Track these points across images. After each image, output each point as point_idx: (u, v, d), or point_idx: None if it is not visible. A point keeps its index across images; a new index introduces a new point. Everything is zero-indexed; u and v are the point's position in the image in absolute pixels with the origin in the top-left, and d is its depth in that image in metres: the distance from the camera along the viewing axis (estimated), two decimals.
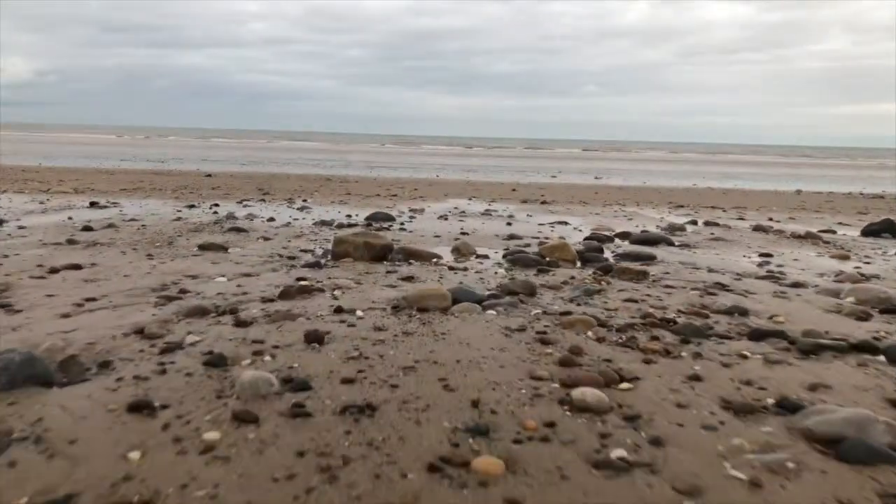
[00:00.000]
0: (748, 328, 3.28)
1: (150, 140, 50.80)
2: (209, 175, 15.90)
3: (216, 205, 9.00)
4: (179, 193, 10.82)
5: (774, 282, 4.62)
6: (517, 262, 5.13)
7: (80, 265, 4.46)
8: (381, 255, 5.22)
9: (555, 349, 2.80)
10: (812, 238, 7.13)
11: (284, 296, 3.72)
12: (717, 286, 4.35)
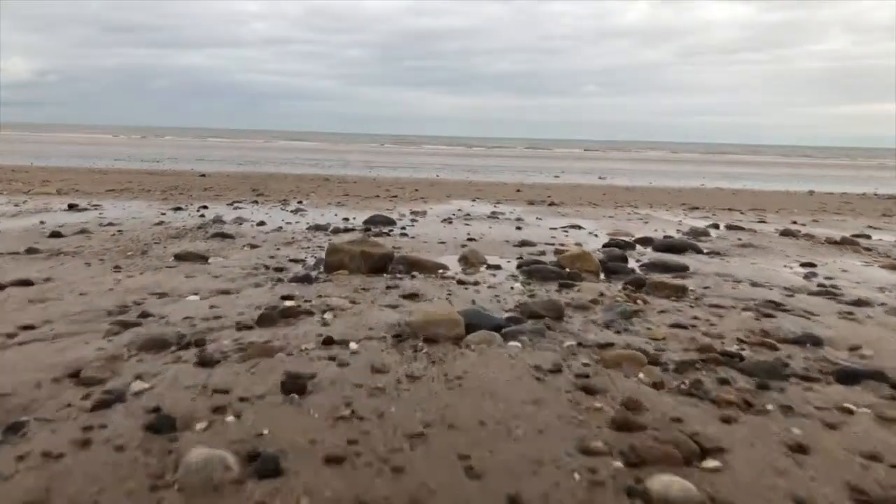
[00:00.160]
0: (832, 365, 2.64)
1: (148, 140, 50.09)
2: (203, 175, 15.24)
3: (204, 207, 8.34)
4: (168, 195, 10.17)
5: (832, 298, 3.98)
6: (534, 275, 4.48)
7: (32, 281, 3.80)
8: (381, 266, 4.57)
9: (604, 401, 2.15)
10: (850, 244, 6.48)
11: (264, 321, 3.07)
12: (771, 305, 3.71)
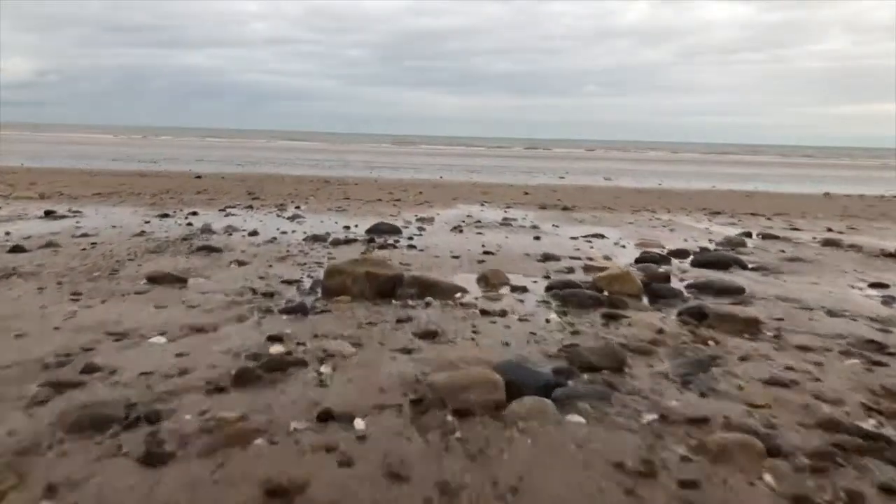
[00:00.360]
0: None
1: (147, 140, 49.24)
2: (198, 177, 14.48)
3: (194, 214, 7.58)
4: (158, 199, 9.41)
5: None
6: (570, 301, 3.73)
7: None
8: (389, 290, 3.83)
9: None
10: None
11: (243, 379, 2.33)
12: (872, 346, 2.96)
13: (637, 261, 5.26)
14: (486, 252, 5.44)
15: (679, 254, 5.66)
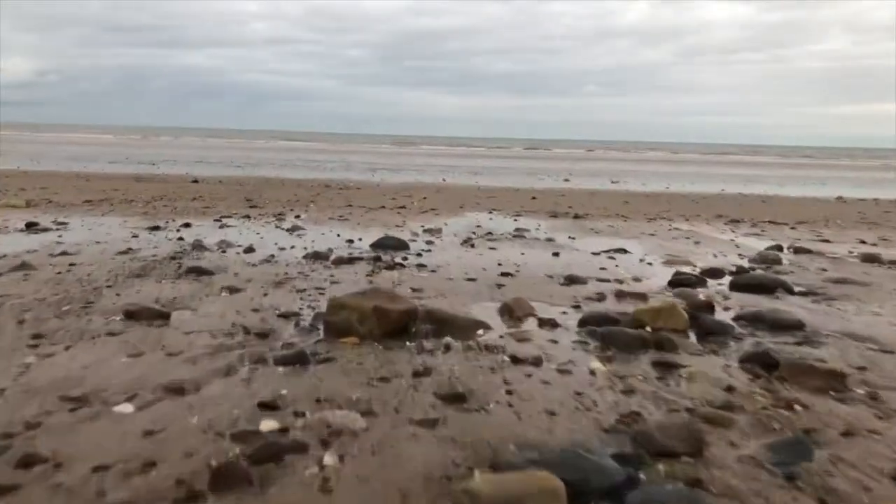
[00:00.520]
0: None
1: (147, 140, 48.62)
2: (195, 181, 13.93)
3: (187, 226, 7.03)
4: (151, 207, 8.85)
5: None
6: (611, 340, 3.19)
7: None
8: (401, 328, 3.29)
9: None
10: None
11: (223, 481, 1.77)
12: None
13: (671, 283, 4.72)
14: (505, 273, 4.88)
15: (713, 273, 5.12)
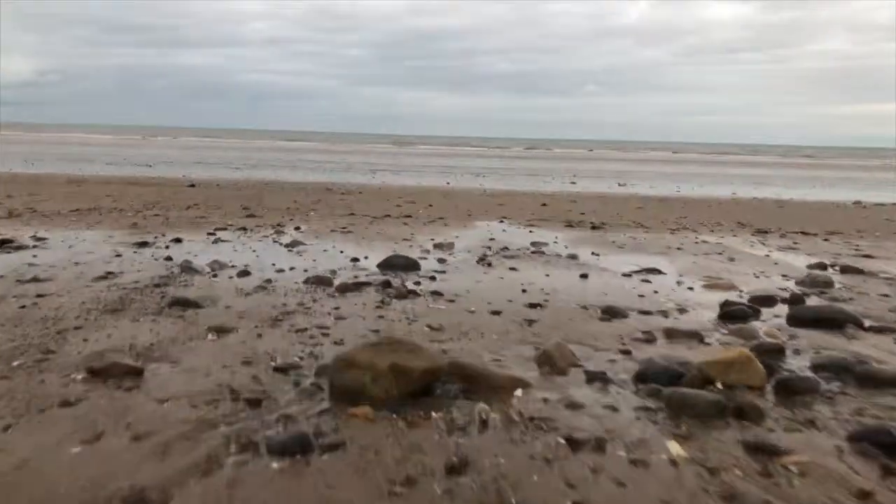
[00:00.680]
0: None
1: (146, 140, 47.89)
2: (192, 185, 13.29)
3: (177, 240, 6.38)
4: (141, 217, 8.21)
5: None
6: (681, 406, 2.55)
7: None
8: (424, 389, 2.67)
9: None
10: None
11: None
12: None
13: (722, 317, 4.09)
14: (533, 304, 4.23)
15: (764, 301, 4.49)
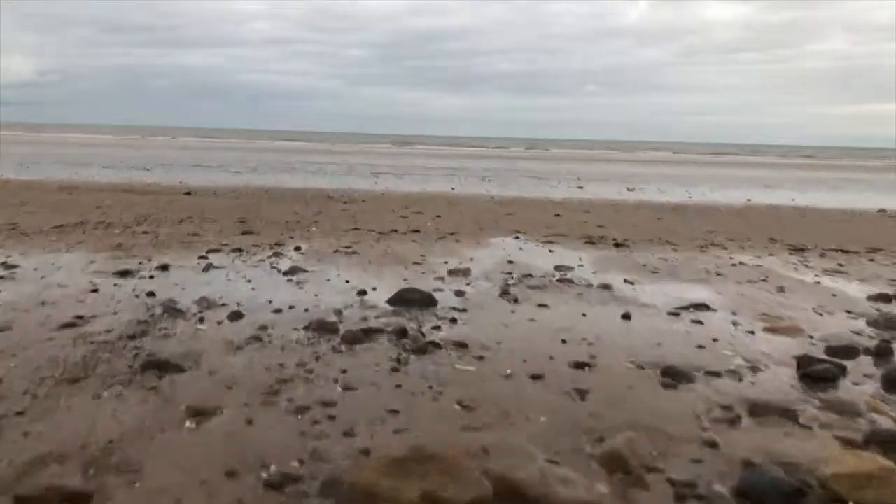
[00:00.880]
0: None
1: (146, 141, 47.03)
2: (188, 193, 12.52)
3: (164, 268, 5.64)
4: (130, 234, 7.46)
5: None
6: None
7: None
8: None
9: None
10: None
11: None
12: None
13: (803, 378, 3.37)
14: (579, 364, 3.48)
15: (845, 353, 3.77)
